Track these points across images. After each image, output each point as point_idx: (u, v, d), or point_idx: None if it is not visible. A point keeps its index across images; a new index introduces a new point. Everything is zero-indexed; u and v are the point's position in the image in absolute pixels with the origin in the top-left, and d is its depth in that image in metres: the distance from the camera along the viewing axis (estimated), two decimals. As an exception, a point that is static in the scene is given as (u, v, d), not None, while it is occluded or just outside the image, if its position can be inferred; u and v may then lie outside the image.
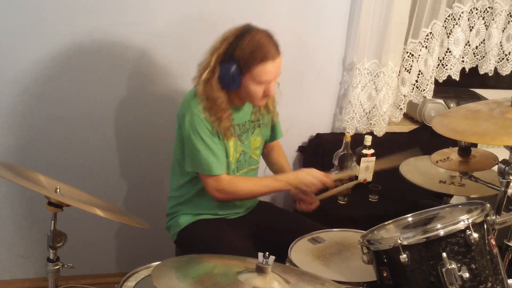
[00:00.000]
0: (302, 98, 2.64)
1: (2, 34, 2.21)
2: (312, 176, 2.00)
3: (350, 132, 2.63)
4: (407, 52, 2.62)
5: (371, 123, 2.70)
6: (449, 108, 2.72)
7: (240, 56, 1.82)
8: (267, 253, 1.33)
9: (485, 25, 2.71)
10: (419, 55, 2.63)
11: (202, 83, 1.89)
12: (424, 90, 2.69)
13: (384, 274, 1.55)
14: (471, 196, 2.17)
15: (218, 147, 1.93)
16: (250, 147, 2.09)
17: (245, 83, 1.86)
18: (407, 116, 2.90)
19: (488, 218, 1.54)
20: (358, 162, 2.50)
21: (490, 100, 1.94)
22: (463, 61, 2.72)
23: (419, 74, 2.68)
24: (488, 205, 1.57)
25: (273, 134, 2.22)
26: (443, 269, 1.44)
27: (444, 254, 1.45)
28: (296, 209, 2.15)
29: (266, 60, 1.82)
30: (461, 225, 1.47)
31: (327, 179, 2.01)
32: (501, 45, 2.77)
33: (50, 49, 2.27)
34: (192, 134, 1.89)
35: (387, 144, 2.70)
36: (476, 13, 2.66)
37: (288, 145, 2.43)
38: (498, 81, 3.04)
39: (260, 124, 2.10)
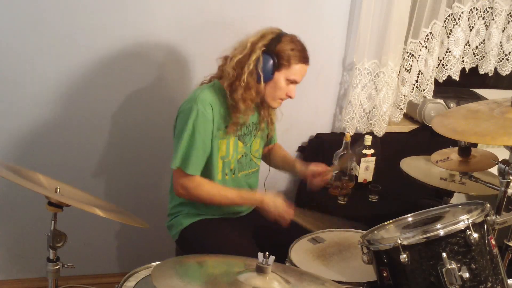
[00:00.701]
0: (302, 98, 2.63)
1: (2, 34, 2.21)
2: (275, 206, 1.98)
3: (350, 132, 2.63)
4: (407, 52, 2.62)
5: (371, 123, 2.70)
6: (449, 108, 2.72)
7: (282, 51, 1.89)
8: (267, 253, 1.33)
9: (485, 25, 2.71)
10: (419, 55, 2.63)
11: (240, 67, 1.90)
12: (424, 90, 2.69)
13: (384, 274, 1.55)
14: (471, 194, 2.17)
15: (205, 149, 1.93)
16: (251, 150, 2.10)
17: (277, 78, 1.92)
18: (407, 116, 2.90)
19: (488, 218, 1.54)
20: (358, 162, 2.50)
21: (490, 100, 1.94)
22: (463, 61, 2.72)
23: (419, 74, 2.68)
24: (488, 205, 1.57)
25: (269, 139, 2.25)
26: (443, 269, 1.44)
27: (444, 254, 1.45)
28: (299, 205, 2.13)
29: (303, 61, 1.93)
30: (461, 225, 1.47)
31: (287, 214, 1.98)
32: (501, 45, 2.77)
33: (50, 50, 2.27)
34: (188, 126, 1.90)
35: (387, 144, 2.70)
36: (476, 13, 2.66)
37: (288, 145, 2.43)
38: (498, 81, 3.04)
39: (262, 130, 2.12)
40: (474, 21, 2.68)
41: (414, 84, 2.70)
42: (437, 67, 2.70)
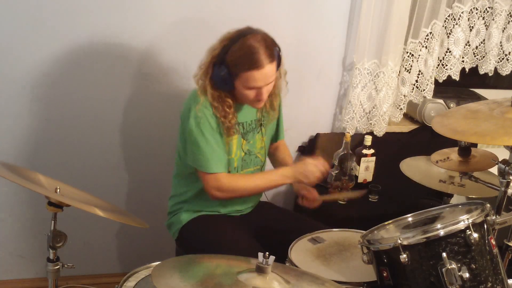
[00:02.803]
0: (302, 98, 2.64)
1: (2, 34, 2.21)
2: (311, 165, 1.97)
3: (350, 132, 2.63)
4: (407, 52, 2.62)
5: (371, 123, 2.70)
6: (449, 108, 2.72)
7: (229, 61, 1.83)
8: (267, 253, 1.33)
9: (485, 25, 2.71)
10: (419, 55, 2.63)
11: (197, 83, 1.93)
12: (424, 90, 2.69)
13: (384, 274, 1.55)
14: (470, 197, 2.17)
15: (219, 145, 1.93)
16: (255, 147, 2.09)
17: (237, 86, 1.88)
18: (407, 116, 2.89)
19: (488, 218, 1.54)
20: (358, 162, 2.50)
21: (490, 100, 1.94)
22: (463, 61, 2.72)
23: (419, 74, 2.68)
24: (488, 205, 1.57)
25: (277, 133, 2.23)
26: (443, 269, 1.44)
27: (444, 254, 1.45)
28: (298, 205, 2.15)
29: (252, 68, 1.81)
30: (461, 225, 1.47)
31: (323, 165, 1.98)
32: (501, 45, 2.77)
33: (50, 49, 2.27)
34: (194, 128, 1.90)
35: (387, 144, 2.70)
36: (476, 13, 2.66)
37: (288, 145, 2.42)
38: (498, 81, 3.05)
39: (265, 123, 2.10)
40: (474, 21, 2.68)
41: (414, 84, 2.70)
42: (437, 67, 2.70)
